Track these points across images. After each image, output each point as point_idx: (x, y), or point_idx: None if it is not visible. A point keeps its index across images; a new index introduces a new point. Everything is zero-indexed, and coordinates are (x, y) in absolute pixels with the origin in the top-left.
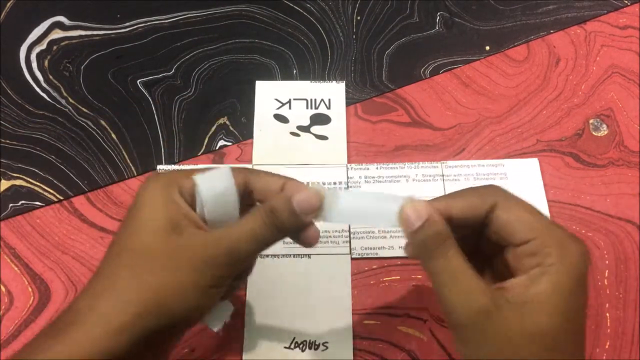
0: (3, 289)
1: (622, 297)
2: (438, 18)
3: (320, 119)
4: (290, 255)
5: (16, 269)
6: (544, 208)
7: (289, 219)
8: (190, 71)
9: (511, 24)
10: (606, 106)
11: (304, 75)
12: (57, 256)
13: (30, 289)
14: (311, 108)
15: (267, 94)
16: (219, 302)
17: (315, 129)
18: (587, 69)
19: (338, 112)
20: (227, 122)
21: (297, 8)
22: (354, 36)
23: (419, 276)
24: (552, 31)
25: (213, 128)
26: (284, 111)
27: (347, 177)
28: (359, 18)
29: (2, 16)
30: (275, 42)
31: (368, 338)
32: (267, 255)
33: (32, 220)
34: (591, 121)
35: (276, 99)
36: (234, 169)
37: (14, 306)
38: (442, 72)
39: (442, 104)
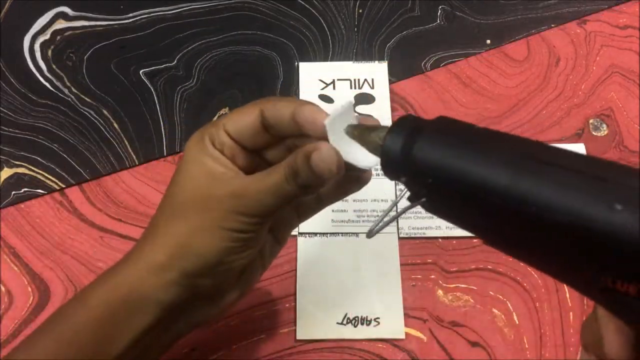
0: (3, 288)
1: None
2: (439, 11)
3: (365, 99)
4: (338, 233)
5: (16, 268)
6: None
7: (311, 180)
8: (193, 62)
9: (512, 18)
10: (606, 106)
11: None
12: (57, 256)
13: (30, 289)
14: (355, 88)
15: (311, 74)
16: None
17: (360, 109)
18: (587, 69)
19: (381, 91)
20: (229, 113)
21: (299, 1)
22: (355, 29)
23: (419, 276)
24: (552, 25)
25: (214, 118)
26: (328, 91)
27: None
28: (360, 11)
29: (6, 6)
30: (277, 34)
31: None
32: (316, 234)
33: (32, 220)
34: (591, 121)
35: (320, 80)
36: (253, 101)
37: (14, 305)
38: (442, 66)
39: (442, 104)
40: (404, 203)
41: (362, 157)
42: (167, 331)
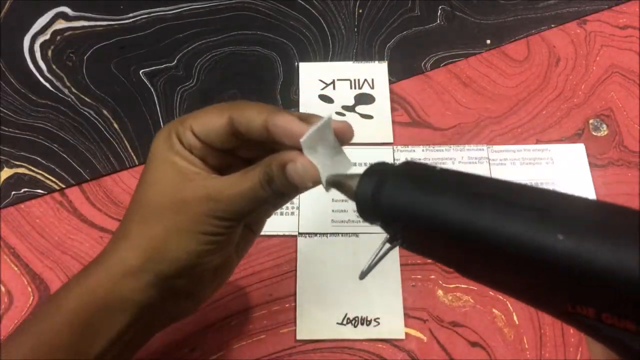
0: (3, 288)
1: None
2: (439, 12)
3: (365, 99)
4: (338, 233)
5: (16, 268)
6: (591, 193)
7: (286, 187)
8: (193, 62)
9: (512, 18)
10: (606, 106)
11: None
12: (57, 256)
13: (29, 289)
14: (355, 88)
15: (311, 74)
16: (339, 158)
17: (360, 109)
18: (587, 69)
19: (381, 91)
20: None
21: (299, 1)
22: (355, 29)
23: (419, 276)
24: (552, 25)
25: None
26: (328, 92)
27: (394, 159)
28: (360, 11)
29: (6, 6)
30: (277, 35)
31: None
32: (316, 234)
33: (31, 220)
34: (591, 121)
35: (320, 80)
36: (221, 104)
37: (14, 306)
38: (442, 66)
39: (442, 104)
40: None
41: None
42: (145, 328)
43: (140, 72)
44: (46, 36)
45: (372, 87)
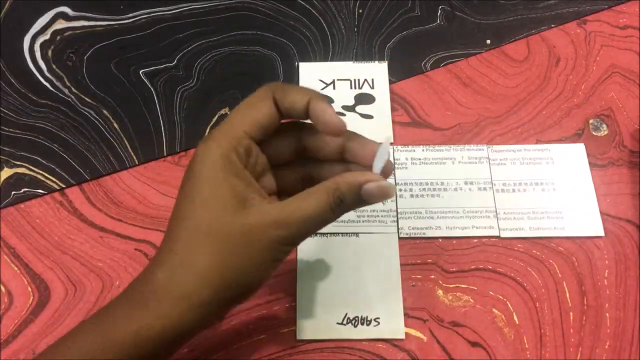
0: (3, 288)
1: (622, 297)
2: (439, 11)
3: (365, 99)
4: (339, 233)
5: (16, 268)
6: (591, 193)
7: (356, 205)
8: (193, 62)
9: (512, 17)
10: (606, 106)
11: None
12: (57, 256)
13: (29, 289)
14: (355, 88)
15: (311, 74)
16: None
17: (360, 109)
18: (587, 69)
19: (381, 91)
20: (229, 113)
21: (299, 1)
22: (355, 29)
23: (419, 276)
24: (552, 25)
25: (214, 119)
26: (328, 92)
27: (394, 159)
28: (360, 11)
29: (6, 6)
30: (277, 35)
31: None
32: (316, 234)
33: (31, 220)
34: (591, 121)
35: (320, 80)
36: (262, 90)
37: (14, 306)
38: (442, 66)
39: (442, 104)
40: None
41: None
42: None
43: (140, 72)
44: (46, 36)
45: (372, 87)
